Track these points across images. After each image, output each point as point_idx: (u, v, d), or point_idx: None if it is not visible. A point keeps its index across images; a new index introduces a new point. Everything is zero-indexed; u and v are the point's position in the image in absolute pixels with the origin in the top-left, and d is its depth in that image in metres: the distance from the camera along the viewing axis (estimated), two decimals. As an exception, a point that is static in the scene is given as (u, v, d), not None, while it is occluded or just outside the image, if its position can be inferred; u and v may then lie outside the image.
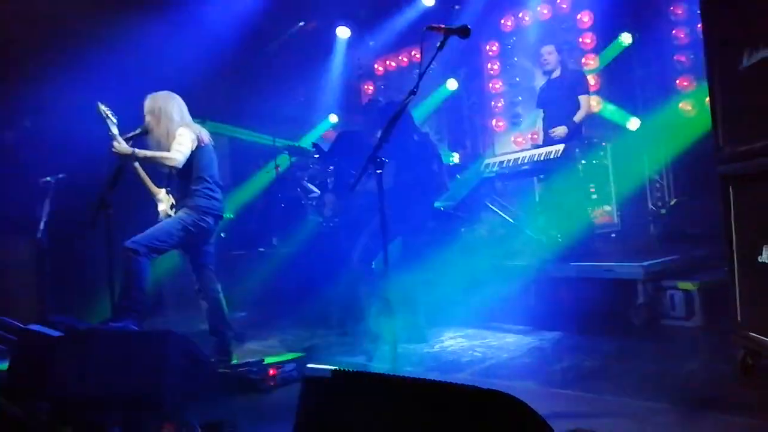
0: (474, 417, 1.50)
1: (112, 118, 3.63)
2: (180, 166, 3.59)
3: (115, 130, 3.61)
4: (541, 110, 5.48)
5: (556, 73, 5.29)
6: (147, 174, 3.82)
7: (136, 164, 3.69)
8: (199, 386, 2.99)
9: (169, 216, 3.77)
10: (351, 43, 8.03)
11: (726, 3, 2.72)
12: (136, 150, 3.57)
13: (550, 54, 5.24)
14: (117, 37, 5.52)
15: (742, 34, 2.57)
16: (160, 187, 3.92)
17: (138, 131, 3.71)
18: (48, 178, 4.90)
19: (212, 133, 3.92)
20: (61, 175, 4.92)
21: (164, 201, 3.87)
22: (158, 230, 3.60)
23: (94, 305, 4.61)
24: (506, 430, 1.46)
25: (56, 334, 3.07)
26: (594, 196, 5.47)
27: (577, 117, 5.05)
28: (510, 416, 1.47)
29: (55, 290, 5.06)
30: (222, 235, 5.91)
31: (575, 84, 5.17)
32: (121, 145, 3.55)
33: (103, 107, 3.61)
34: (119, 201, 3.58)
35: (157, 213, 3.90)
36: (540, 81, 5.86)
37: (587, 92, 5.17)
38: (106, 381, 2.70)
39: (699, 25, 2.97)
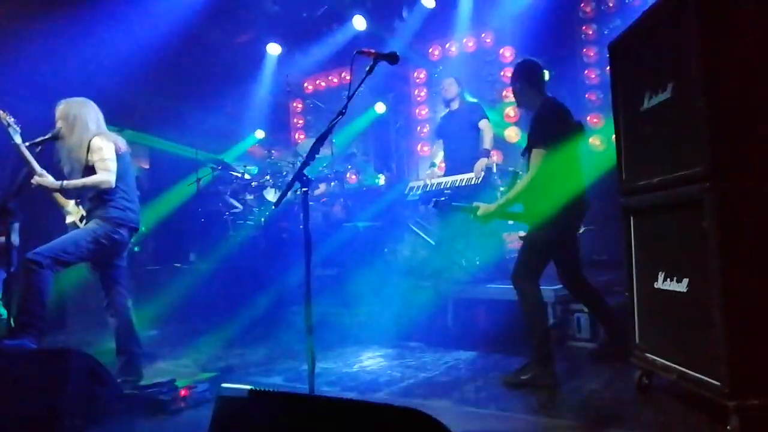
0: (389, 435, 1.53)
1: (15, 126, 3.43)
2: (114, 185, 3.43)
3: (18, 139, 3.43)
4: (441, 140, 5.59)
5: (455, 105, 5.44)
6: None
7: (42, 173, 3.47)
8: (104, 409, 2.82)
9: (78, 227, 3.56)
10: (281, 60, 8.01)
11: (630, 50, 2.98)
12: (64, 182, 3.41)
13: (450, 85, 5.41)
14: (30, 35, 5.21)
15: (643, 78, 2.81)
16: (69, 198, 3.70)
17: (48, 136, 3.50)
18: None
19: (131, 143, 3.77)
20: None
21: (73, 213, 3.67)
22: (65, 241, 3.39)
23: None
24: (421, 447, 1.50)
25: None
26: (510, 222, 5.71)
27: (486, 143, 5.19)
28: (425, 434, 1.50)
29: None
30: (135, 249, 5.65)
31: (472, 113, 5.33)
32: (45, 179, 3.40)
33: (3, 114, 3.40)
34: (23, 209, 3.36)
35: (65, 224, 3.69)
36: (441, 111, 5.92)
37: (485, 116, 5.30)
38: (1, 402, 2.48)
39: (608, 68, 3.22)
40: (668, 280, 2.62)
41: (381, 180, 7.47)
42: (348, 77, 2.80)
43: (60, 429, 2.43)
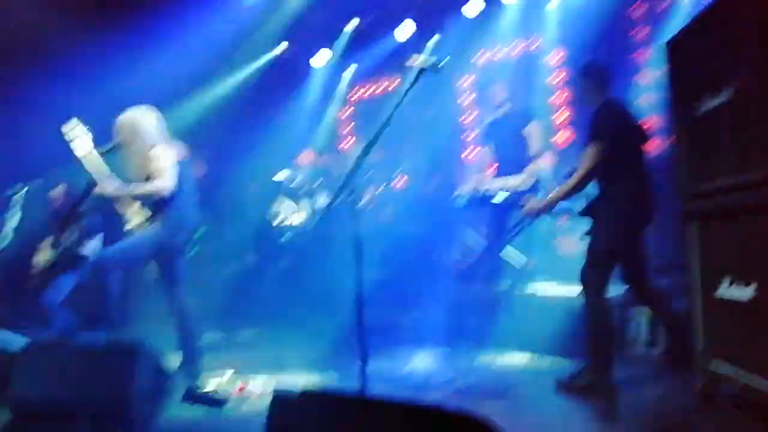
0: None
1: (82, 134, 3.57)
2: (173, 191, 3.53)
3: (83, 147, 3.54)
4: (489, 146, 5.38)
5: (502, 110, 5.24)
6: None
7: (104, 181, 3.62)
8: (166, 401, 2.94)
9: (142, 229, 3.71)
10: (329, 68, 8.16)
11: (688, 49, 2.91)
12: (125, 189, 3.53)
13: (497, 91, 5.25)
14: (93, 53, 5.51)
15: (702, 79, 2.74)
16: (130, 204, 3.86)
17: (110, 146, 3.64)
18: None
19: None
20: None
21: (134, 218, 3.80)
22: (130, 243, 3.55)
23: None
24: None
25: (20, 342, 2.99)
26: (565, 225, 5.61)
27: (534, 148, 5.00)
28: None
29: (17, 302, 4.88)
30: (196, 249, 5.84)
31: (520, 118, 5.13)
32: (107, 187, 3.50)
33: (74, 125, 3.56)
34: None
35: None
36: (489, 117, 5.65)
37: (532, 121, 5.06)
38: (73, 393, 2.64)
39: (662, 70, 3.15)
40: (733, 285, 2.54)
41: (429, 185, 7.47)
42: (394, 85, 2.86)
43: (130, 418, 2.56)
